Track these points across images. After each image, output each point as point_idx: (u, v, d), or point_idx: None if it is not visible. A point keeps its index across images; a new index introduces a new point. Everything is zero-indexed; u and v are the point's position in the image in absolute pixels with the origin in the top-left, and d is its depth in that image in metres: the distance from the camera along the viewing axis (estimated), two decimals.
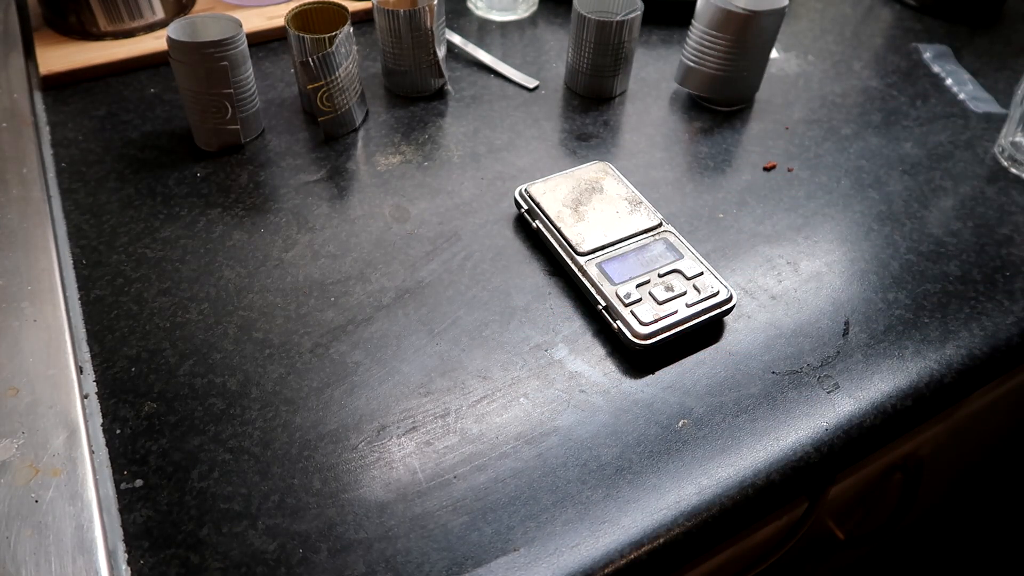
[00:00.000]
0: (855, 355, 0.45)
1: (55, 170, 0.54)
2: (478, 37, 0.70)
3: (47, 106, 0.59)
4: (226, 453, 0.39)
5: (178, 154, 0.56)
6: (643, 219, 0.49)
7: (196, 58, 0.50)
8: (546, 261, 0.49)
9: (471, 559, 0.35)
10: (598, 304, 0.45)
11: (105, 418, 0.40)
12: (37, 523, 0.35)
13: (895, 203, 0.55)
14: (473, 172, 0.56)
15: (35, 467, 0.37)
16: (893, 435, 0.44)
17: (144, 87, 0.62)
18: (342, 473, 0.38)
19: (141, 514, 0.36)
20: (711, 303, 0.44)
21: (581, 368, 0.43)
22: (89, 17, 0.62)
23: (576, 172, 0.52)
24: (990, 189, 0.57)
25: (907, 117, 0.63)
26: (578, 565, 0.35)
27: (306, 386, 0.42)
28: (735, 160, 0.58)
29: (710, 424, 0.41)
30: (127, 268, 0.48)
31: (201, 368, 0.42)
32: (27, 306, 0.44)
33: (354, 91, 0.57)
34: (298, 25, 0.56)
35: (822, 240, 0.52)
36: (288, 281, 0.47)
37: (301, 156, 0.56)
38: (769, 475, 0.40)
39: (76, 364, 0.42)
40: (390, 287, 0.47)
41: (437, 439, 0.40)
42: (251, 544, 0.35)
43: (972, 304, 0.48)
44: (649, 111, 0.62)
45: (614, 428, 0.41)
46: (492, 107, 0.62)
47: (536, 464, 0.39)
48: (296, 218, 0.52)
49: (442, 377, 0.43)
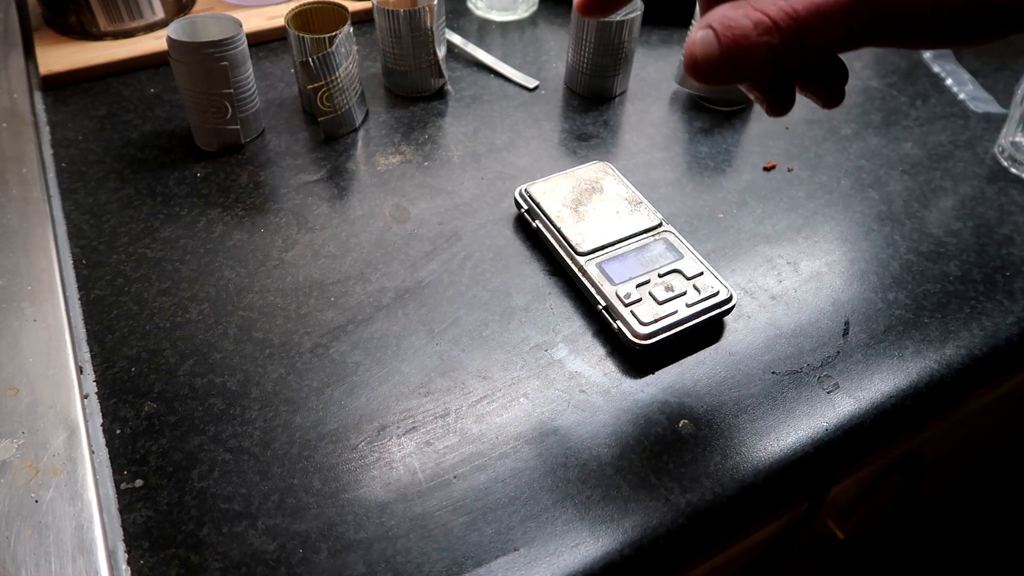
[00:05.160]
0: (855, 355, 0.45)
1: (55, 170, 0.54)
2: (478, 37, 0.70)
3: (47, 106, 0.59)
4: (226, 453, 0.39)
5: (178, 154, 0.56)
6: (643, 219, 0.49)
7: (196, 58, 0.50)
8: (546, 261, 0.49)
9: (471, 559, 0.35)
10: (598, 304, 0.45)
11: (105, 418, 0.40)
12: (37, 523, 0.35)
13: (895, 203, 0.55)
14: (473, 172, 0.56)
15: (35, 467, 0.37)
16: (893, 435, 0.44)
17: (144, 87, 0.62)
18: (342, 473, 0.38)
19: (141, 514, 0.36)
20: (711, 303, 0.44)
21: (581, 368, 0.43)
22: (89, 17, 0.62)
23: (576, 172, 0.52)
24: (990, 189, 0.57)
25: (907, 117, 0.63)
26: (578, 565, 0.36)
27: (306, 386, 0.42)
28: (735, 160, 0.58)
29: (710, 424, 0.41)
30: (127, 268, 0.48)
31: (201, 368, 0.42)
32: (27, 306, 0.44)
33: (354, 91, 0.57)
34: (298, 25, 0.56)
35: (822, 240, 0.52)
36: (288, 281, 0.47)
37: (301, 156, 0.56)
38: (769, 475, 0.40)
39: (76, 364, 0.42)
40: (390, 287, 0.47)
41: (437, 439, 0.40)
42: (251, 544, 0.35)
43: (972, 304, 0.48)
44: (649, 111, 0.62)
45: (614, 428, 0.41)
46: (492, 107, 0.62)
47: (536, 464, 0.39)
48: (296, 218, 0.52)
49: (442, 377, 0.43)
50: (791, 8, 0.25)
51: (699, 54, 0.27)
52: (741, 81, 0.28)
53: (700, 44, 0.27)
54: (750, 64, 0.26)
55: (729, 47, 0.26)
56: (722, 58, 0.26)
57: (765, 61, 0.26)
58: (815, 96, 0.33)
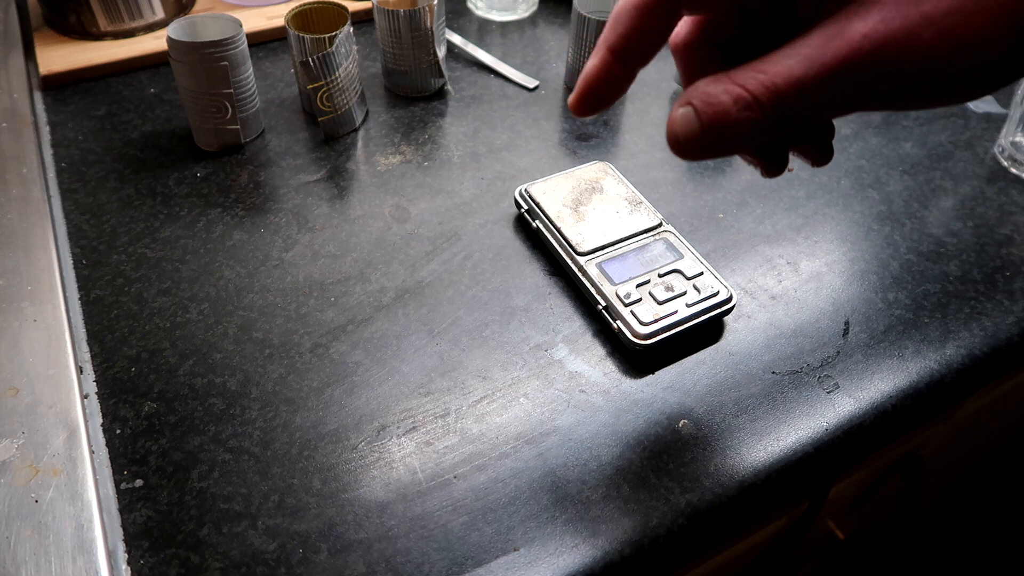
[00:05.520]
0: (855, 355, 0.45)
1: (55, 170, 0.54)
2: (478, 37, 0.70)
3: (47, 106, 0.59)
4: (226, 453, 0.39)
5: (178, 154, 0.56)
6: (643, 219, 0.49)
7: (196, 58, 0.50)
8: (546, 261, 0.49)
9: (471, 559, 0.35)
10: (598, 304, 0.45)
11: (105, 418, 0.40)
12: (37, 523, 0.35)
13: (895, 203, 0.55)
14: (473, 172, 0.56)
15: (35, 467, 0.37)
16: (893, 435, 0.44)
17: (144, 87, 0.62)
18: (342, 473, 0.38)
19: (141, 514, 0.36)
20: (711, 303, 0.44)
21: (581, 368, 0.43)
22: (89, 17, 0.62)
23: (576, 172, 0.52)
24: (990, 189, 0.57)
25: (907, 117, 0.63)
26: (578, 565, 0.36)
27: (306, 386, 0.42)
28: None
29: (710, 424, 0.41)
30: (127, 268, 0.48)
31: (201, 368, 0.42)
32: (27, 306, 0.44)
33: (354, 91, 0.57)
34: (298, 25, 0.56)
35: (822, 240, 0.52)
36: (288, 281, 0.47)
37: (301, 156, 0.56)
38: (769, 475, 0.40)
39: (76, 364, 0.42)
40: (390, 287, 0.47)
41: (437, 439, 0.40)
42: (251, 544, 0.36)
43: (972, 304, 0.48)
44: (649, 111, 0.62)
45: (614, 428, 0.41)
46: (492, 107, 0.62)
47: (536, 464, 0.39)
48: (296, 218, 0.52)
49: (442, 377, 0.43)
50: (771, 82, 0.25)
51: (680, 132, 0.27)
52: (726, 156, 0.28)
53: (681, 122, 0.27)
54: (732, 139, 0.26)
55: (709, 124, 0.26)
56: (703, 135, 0.26)
57: (747, 135, 0.26)
58: (805, 157, 0.34)
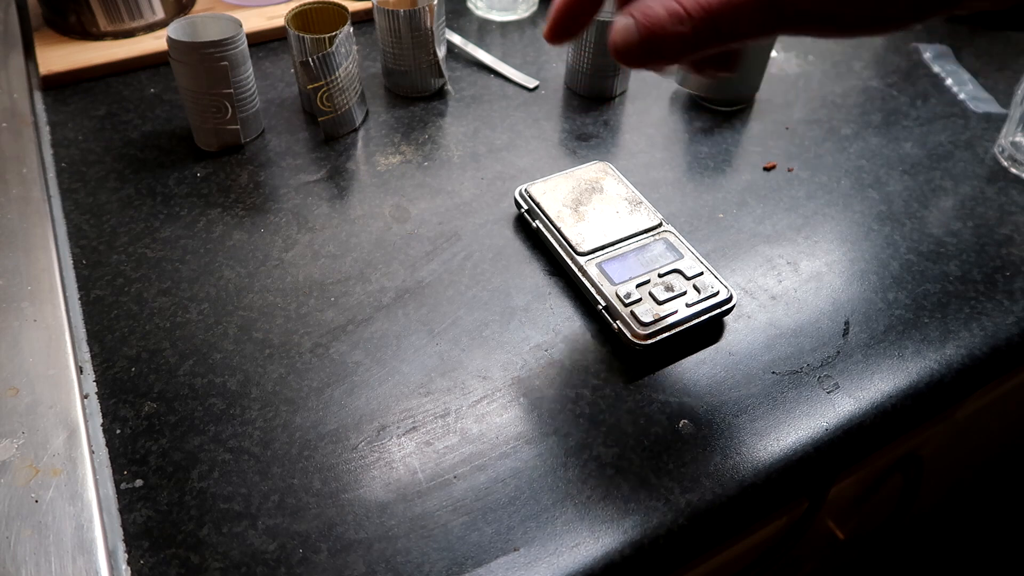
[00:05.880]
0: (855, 355, 0.45)
1: (55, 170, 0.54)
2: (478, 37, 0.70)
3: (47, 106, 0.59)
4: (226, 453, 0.39)
5: (178, 154, 0.56)
6: (643, 219, 0.49)
7: (196, 58, 0.50)
8: (546, 261, 0.49)
9: (471, 559, 0.35)
10: (598, 304, 0.45)
11: (105, 418, 0.40)
12: (37, 523, 0.35)
13: (895, 203, 0.55)
14: (473, 172, 0.56)
15: (35, 467, 0.37)
16: (893, 435, 0.44)
17: (144, 87, 0.62)
18: (342, 473, 0.38)
19: (141, 514, 0.36)
20: (711, 303, 0.44)
21: (581, 368, 0.43)
22: (89, 17, 0.62)
23: (576, 172, 0.52)
24: (990, 189, 0.57)
25: (907, 117, 0.63)
26: (578, 565, 0.36)
27: (306, 386, 0.42)
28: (735, 160, 0.58)
29: (710, 424, 0.41)
30: (127, 268, 0.48)
31: (201, 368, 0.42)
32: (27, 306, 0.44)
33: (354, 91, 0.57)
34: (298, 25, 0.56)
35: (822, 240, 0.52)
36: (288, 281, 0.47)
37: (301, 156, 0.56)
38: (769, 475, 0.40)
39: (76, 364, 0.42)
40: (390, 287, 0.47)
41: (437, 439, 0.40)
42: (251, 544, 0.36)
43: (972, 304, 0.48)
44: (649, 111, 0.62)
45: (614, 428, 0.41)
46: (492, 107, 0.62)
47: (536, 464, 0.39)
48: (296, 218, 0.52)
49: (442, 377, 0.43)
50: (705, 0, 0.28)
51: (619, 40, 0.29)
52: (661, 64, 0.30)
53: (620, 31, 0.29)
54: (666, 50, 0.29)
55: (646, 34, 0.29)
56: (640, 44, 0.29)
57: (678, 48, 0.29)
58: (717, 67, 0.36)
